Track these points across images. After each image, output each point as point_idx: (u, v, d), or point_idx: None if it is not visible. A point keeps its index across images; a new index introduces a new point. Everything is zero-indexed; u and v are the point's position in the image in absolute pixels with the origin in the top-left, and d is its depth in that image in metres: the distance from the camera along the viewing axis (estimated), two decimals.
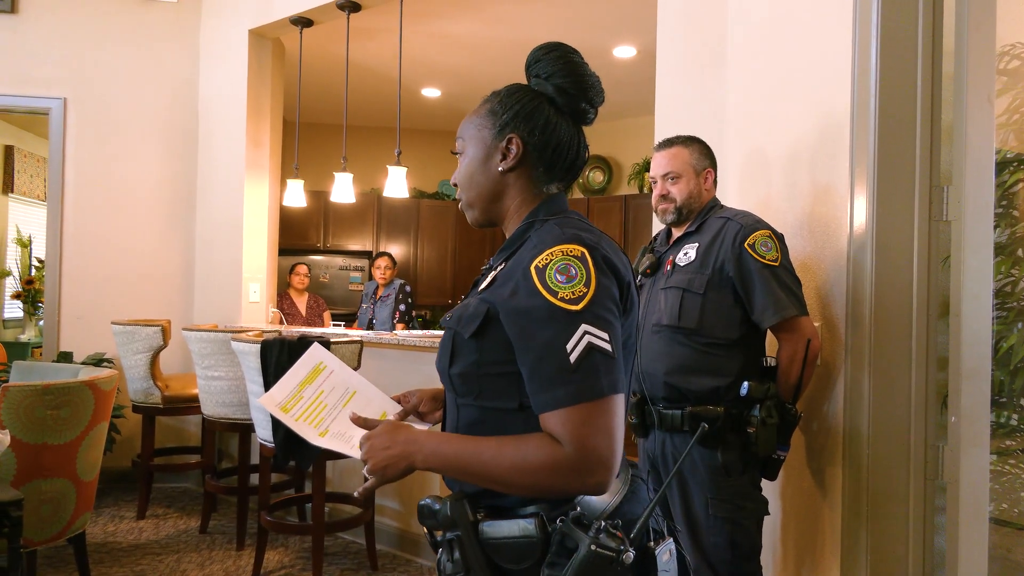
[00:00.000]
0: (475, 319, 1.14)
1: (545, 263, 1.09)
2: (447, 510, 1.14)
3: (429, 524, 1.20)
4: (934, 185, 1.97)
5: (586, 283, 1.07)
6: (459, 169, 1.29)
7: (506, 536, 1.11)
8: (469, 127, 1.28)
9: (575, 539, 1.06)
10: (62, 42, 4.90)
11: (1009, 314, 2.61)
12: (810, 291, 2.22)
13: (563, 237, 1.12)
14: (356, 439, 1.25)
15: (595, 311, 1.07)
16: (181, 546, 3.81)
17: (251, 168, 4.94)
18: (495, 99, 1.27)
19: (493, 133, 1.24)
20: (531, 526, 1.09)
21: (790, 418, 2.03)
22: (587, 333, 1.05)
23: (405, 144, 5.14)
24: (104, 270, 4.96)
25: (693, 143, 2.26)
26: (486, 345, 1.13)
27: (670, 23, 3.06)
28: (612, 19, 5.23)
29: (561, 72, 1.22)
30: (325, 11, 4.61)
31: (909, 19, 1.98)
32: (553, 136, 1.22)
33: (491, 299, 1.14)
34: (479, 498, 1.15)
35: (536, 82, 1.25)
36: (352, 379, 1.39)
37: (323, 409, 1.29)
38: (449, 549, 1.15)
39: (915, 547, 1.98)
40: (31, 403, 2.67)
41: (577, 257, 1.09)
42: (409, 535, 3.75)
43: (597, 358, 1.05)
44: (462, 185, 1.29)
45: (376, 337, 3.96)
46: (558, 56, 1.23)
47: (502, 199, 1.26)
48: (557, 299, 1.06)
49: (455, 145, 1.31)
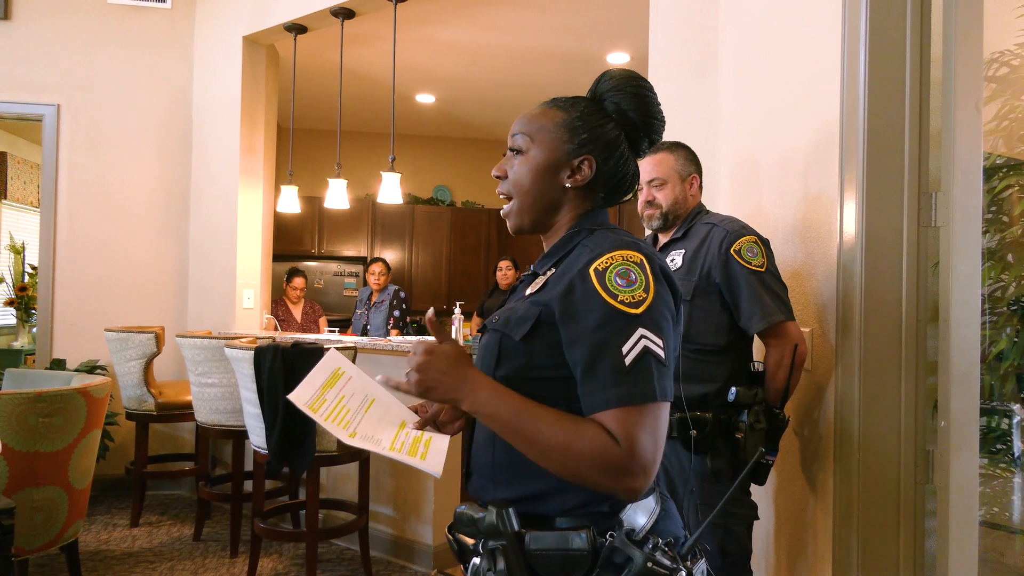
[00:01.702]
0: (526, 322, 1.14)
1: (605, 266, 1.10)
2: (492, 519, 1.12)
3: (468, 532, 1.18)
4: (923, 191, 1.99)
5: (645, 289, 1.09)
6: (516, 168, 1.26)
7: (553, 548, 1.09)
8: (540, 132, 1.24)
9: (625, 555, 1.06)
10: (56, 48, 4.90)
11: (999, 319, 2.63)
12: (801, 297, 2.23)
13: (621, 243, 1.13)
14: (385, 442, 1.24)
15: (653, 317, 1.08)
16: (175, 554, 3.80)
17: (245, 174, 4.95)
18: (573, 112, 1.24)
19: (570, 148, 1.23)
20: (581, 540, 1.08)
21: (778, 423, 2.04)
22: (644, 337, 1.06)
23: (399, 150, 5.14)
24: (97, 277, 4.95)
25: (678, 149, 2.28)
26: (536, 348, 1.13)
27: (662, 30, 3.08)
28: (606, 26, 5.25)
29: (639, 109, 1.24)
30: (319, 18, 4.63)
31: (897, 26, 2.00)
32: (622, 168, 1.25)
33: (543, 301, 1.15)
34: (517, 505, 1.14)
35: (611, 108, 1.25)
36: (369, 385, 1.39)
37: (347, 413, 1.29)
38: (491, 559, 1.13)
39: (906, 551, 1.99)
40: (23, 411, 2.67)
41: (636, 263, 1.11)
42: (403, 541, 3.75)
43: (651, 362, 1.06)
44: (519, 187, 1.25)
45: (370, 343, 3.96)
46: (638, 90, 1.25)
47: (557, 212, 1.26)
48: (617, 301, 1.07)
49: (512, 140, 1.27)
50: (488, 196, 8.86)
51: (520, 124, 1.27)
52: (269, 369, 3.20)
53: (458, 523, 1.19)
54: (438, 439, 1.31)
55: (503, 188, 1.28)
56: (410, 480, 3.76)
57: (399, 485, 3.80)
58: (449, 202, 8.79)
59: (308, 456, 3.20)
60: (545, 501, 1.14)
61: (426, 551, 3.67)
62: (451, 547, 1.24)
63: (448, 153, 8.87)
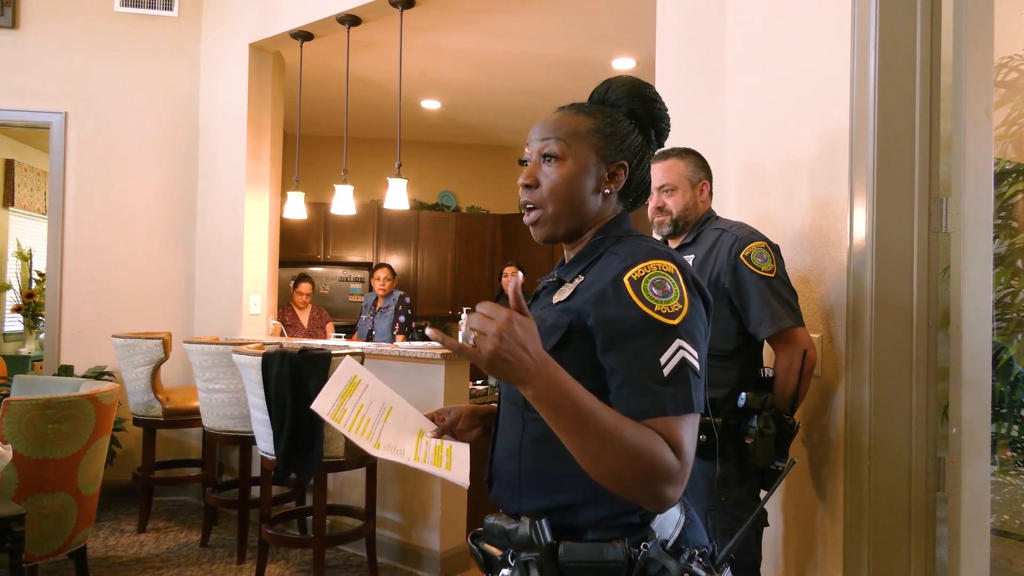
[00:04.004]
0: (556, 331, 1.13)
1: (640, 276, 1.09)
2: (526, 530, 1.11)
3: (498, 544, 1.17)
4: (933, 197, 1.98)
5: (680, 299, 1.08)
6: (553, 176, 1.21)
7: (587, 560, 1.08)
8: (574, 137, 1.21)
9: (660, 565, 1.05)
10: (63, 56, 4.92)
11: (1009, 325, 2.62)
12: (810, 303, 2.23)
13: (654, 253, 1.13)
14: (408, 452, 1.23)
15: (688, 328, 1.08)
16: (182, 560, 3.80)
17: (251, 181, 4.96)
18: (602, 118, 1.23)
19: (606, 155, 1.22)
20: (616, 551, 1.07)
21: (788, 429, 2.03)
22: (681, 348, 1.06)
23: (405, 156, 5.15)
24: (105, 283, 4.97)
25: (688, 155, 2.27)
26: (566, 358, 1.09)
27: (669, 35, 3.08)
28: (611, 31, 5.26)
29: (651, 114, 1.26)
30: (325, 25, 4.64)
31: (907, 32, 1.99)
32: (647, 172, 1.27)
33: (574, 309, 1.13)
34: (548, 515, 1.13)
35: (626, 114, 1.25)
36: (386, 393, 1.38)
37: (368, 423, 1.27)
38: (524, 570, 1.11)
39: (916, 558, 1.98)
40: (32, 417, 2.67)
41: (671, 274, 1.10)
42: (410, 548, 3.74)
43: (688, 373, 1.05)
44: (557, 194, 1.20)
45: (377, 349, 3.96)
46: (649, 96, 1.26)
47: (589, 218, 1.24)
48: (654, 312, 1.06)
49: (543, 146, 1.22)
50: (493, 202, 8.86)
51: (550, 130, 1.22)
52: (276, 375, 3.20)
53: (488, 534, 1.17)
54: (458, 448, 1.30)
55: (533, 197, 1.22)
56: (417, 486, 3.75)
57: (406, 491, 3.79)
58: (454, 208, 8.79)
59: (315, 462, 3.20)
60: (576, 512, 1.12)
61: (433, 557, 3.66)
62: (475, 557, 1.23)
63: (453, 159, 8.88)
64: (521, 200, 1.26)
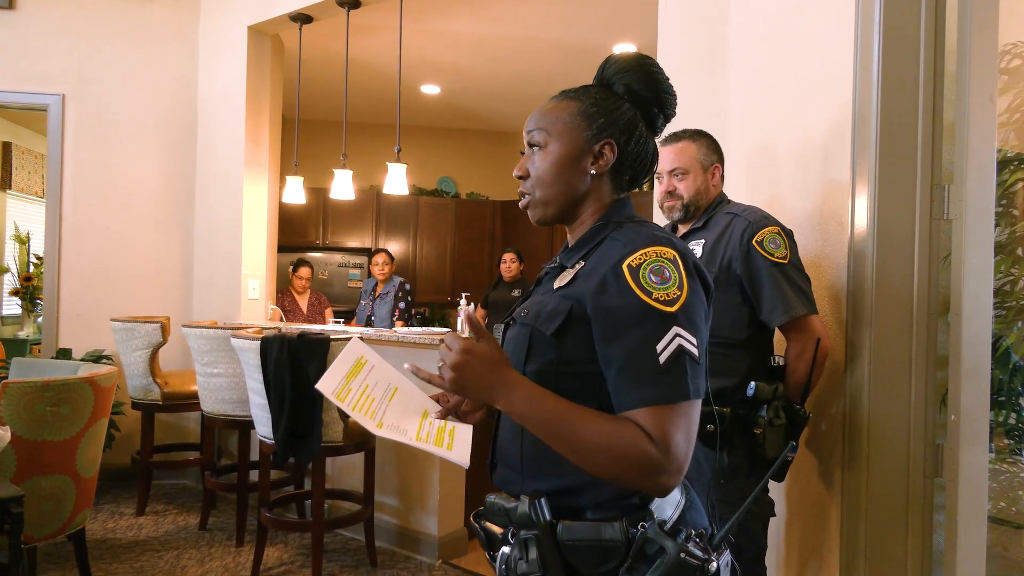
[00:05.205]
0: (557, 316, 1.14)
1: (639, 263, 1.09)
2: (525, 509, 1.13)
3: (498, 522, 1.19)
4: (935, 184, 1.98)
5: (679, 286, 1.08)
6: (537, 163, 1.24)
7: (585, 539, 1.10)
8: (555, 123, 1.23)
9: (658, 545, 1.06)
10: (60, 38, 4.89)
11: (1008, 313, 2.62)
12: (814, 289, 2.22)
13: (654, 239, 1.12)
14: (411, 432, 1.24)
15: (687, 315, 1.07)
16: (181, 543, 3.81)
17: (250, 165, 4.94)
18: (586, 99, 1.24)
19: (589, 135, 1.22)
20: (614, 530, 1.09)
21: (798, 419, 1.98)
22: (678, 335, 1.06)
23: (405, 141, 5.13)
24: (103, 267, 4.96)
25: (700, 137, 2.20)
26: (567, 343, 1.12)
27: (671, 19, 3.06)
28: (612, 16, 5.23)
29: (650, 86, 1.24)
30: (325, 7, 4.61)
31: (911, 18, 1.98)
32: (643, 149, 1.25)
33: (574, 295, 1.14)
34: (551, 497, 1.14)
35: (622, 90, 1.25)
36: (392, 375, 1.39)
37: (372, 403, 1.28)
38: (523, 548, 1.13)
39: (914, 544, 1.98)
40: (31, 399, 2.67)
41: (670, 260, 1.10)
42: (408, 532, 3.76)
43: (685, 361, 1.06)
44: (543, 180, 1.24)
45: (376, 334, 3.96)
46: (645, 68, 1.24)
47: (583, 201, 1.25)
48: (651, 299, 1.07)
49: (529, 137, 1.26)
50: (493, 188, 8.84)
51: (534, 120, 1.26)
52: (275, 360, 3.20)
53: (488, 512, 1.19)
54: (461, 429, 1.31)
55: (526, 187, 1.26)
56: (415, 471, 3.76)
57: (404, 476, 3.80)
58: (454, 193, 8.77)
59: (314, 446, 3.21)
60: (577, 495, 1.13)
61: (431, 541, 3.67)
62: (477, 535, 1.24)
63: (453, 144, 8.85)
64: (518, 190, 1.29)
